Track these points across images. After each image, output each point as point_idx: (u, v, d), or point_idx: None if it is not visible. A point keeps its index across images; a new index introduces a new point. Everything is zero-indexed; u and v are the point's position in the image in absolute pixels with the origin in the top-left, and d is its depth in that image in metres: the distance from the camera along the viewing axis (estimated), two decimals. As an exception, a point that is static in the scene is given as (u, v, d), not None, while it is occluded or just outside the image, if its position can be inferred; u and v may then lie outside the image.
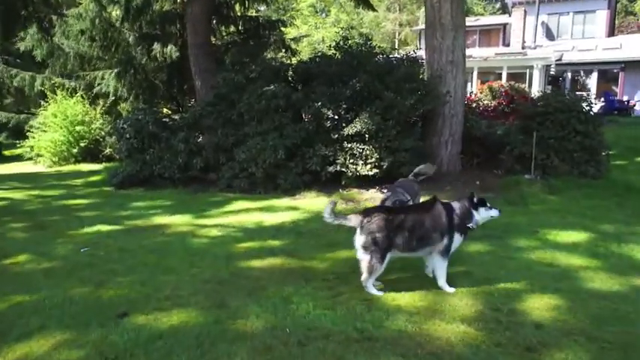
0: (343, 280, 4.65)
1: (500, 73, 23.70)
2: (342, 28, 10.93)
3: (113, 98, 17.25)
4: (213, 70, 12.97)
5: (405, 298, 4.18)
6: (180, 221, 7.27)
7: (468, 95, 16.30)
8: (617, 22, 34.69)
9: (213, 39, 16.16)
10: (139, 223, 7.28)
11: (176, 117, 12.27)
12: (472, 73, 23.88)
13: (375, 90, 9.09)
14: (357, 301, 4.14)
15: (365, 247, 4.22)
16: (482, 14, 46.02)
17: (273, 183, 9.52)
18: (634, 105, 22.18)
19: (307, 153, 9.34)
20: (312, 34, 44.20)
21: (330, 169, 9.17)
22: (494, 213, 4.54)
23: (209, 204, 8.58)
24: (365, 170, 8.89)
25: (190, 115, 11.38)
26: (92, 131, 16.62)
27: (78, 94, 17.11)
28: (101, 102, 18.27)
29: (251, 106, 9.86)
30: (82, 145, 16.31)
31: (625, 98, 23.21)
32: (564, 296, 4.20)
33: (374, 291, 4.31)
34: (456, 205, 4.45)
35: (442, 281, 4.38)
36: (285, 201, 8.60)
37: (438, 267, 4.38)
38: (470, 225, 4.40)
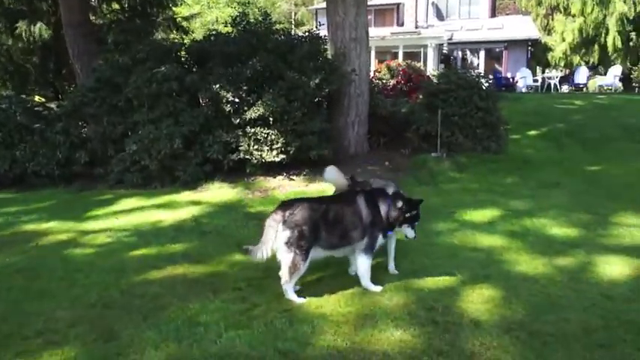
0: (257, 287, 4.05)
1: (397, 52, 24.08)
2: (238, 3, 10.12)
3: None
4: (95, 51, 11.52)
5: (329, 304, 3.69)
6: (59, 228, 6.16)
7: (372, 74, 16.20)
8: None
9: (92, 17, 14.45)
10: (5, 233, 6.06)
11: (53, 105, 10.72)
12: (370, 52, 23.97)
13: (277, 70, 8.46)
14: (275, 313, 3.57)
15: (288, 244, 3.66)
16: (375, -6, 46.64)
17: (170, 176, 8.57)
18: (517, 81, 23.67)
19: (207, 140, 8.50)
20: (204, 13, 42.07)
21: (233, 156, 8.42)
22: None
23: (96, 204, 7.48)
24: (271, 156, 8.27)
25: (69, 102, 9.95)
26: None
27: None
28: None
29: (140, 90, 8.76)
30: None
31: (509, 75, 24.70)
32: (495, 284, 3.97)
33: (295, 298, 3.77)
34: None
35: (366, 281, 3.95)
36: (186, 195, 7.75)
37: (361, 265, 3.94)
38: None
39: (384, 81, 15.13)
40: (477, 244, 4.99)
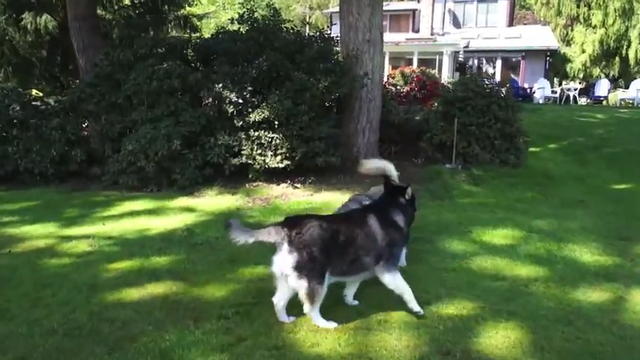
0: (245, 316, 3.51)
1: (411, 59, 23.53)
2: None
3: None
4: (100, 46, 11.09)
5: (326, 342, 3.14)
6: (39, 232, 5.67)
7: (385, 79, 15.69)
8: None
9: (101, 11, 14.08)
10: (-20, 237, 5.59)
11: (50, 100, 10.29)
12: (384, 58, 23.48)
13: (284, 70, 7.95)
14: (263, 350, 3.03)
15: (299, 269, 3.14)
16: None
17: (168, 178, 8.08)
18: (534, 92, 23.01)
19: (208, 143, 8.00)
20: (219, 14, 41.86)
21: (235, 161, 7.92)
22: None
23: (86, 206, 7.00)
24: (274, 162, 7.75)
25: (68, 98, 9.55)
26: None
27: None
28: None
29: (140, 87, 8.31)
30: None
31: (526, 85, 24.03)
32: (522, 324, 3.40)
33: (324, 323, 3.30)
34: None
35: (411, 300, 3.46)
36: (181, 200, 7.25)
37: (396, 284, 3.44)
38: None
39: (398, 87, 14.58)
40: (499, 271, 4.41)
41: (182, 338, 3.19)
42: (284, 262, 3.17)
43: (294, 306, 3.34)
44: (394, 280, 3.40)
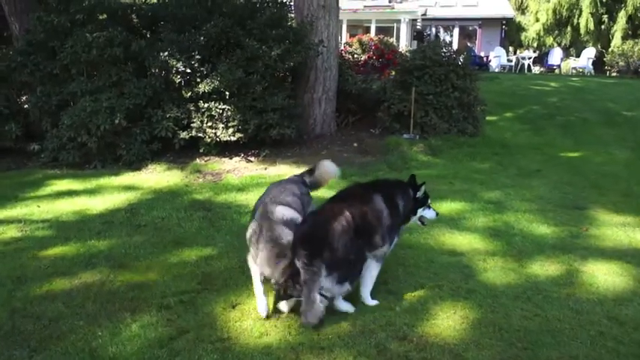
0: (189, 305, 3.24)
1: (369, 27, 23.17)
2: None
3: None
4: (37, 10, 10.21)
5: (275, 332, 2.92)
6: (-37, 217, 5.17)
7: (341, 48, 15.32)
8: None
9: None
10: None
11: (-22, 71, 9.42)
12: (342, 26, 23.00)
13: (235, 37, 7.50)
14: (206, 344, 2.79)
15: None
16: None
17: (112, 154, 7.58)
18: (490, 60, 23.15)
19: (155, 116, 7.51)
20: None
21: (184, 134, 7.48)
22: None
23: (20, 186, 6.46)
24: (226, 135, 7.38)
25: (-2, 67, 8.75)
26: None
27: None
28: None
29: (78, 56, 7.66)
30: None
31: (482, 54, 24.14)
32: (481, 302, 3.28)
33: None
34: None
35: (367, 291, 3.26)
36: (126, 177, 6.81)
37: (371, 273, 3.24)
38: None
39: (355, 56, 14.23)
40: (456, 246, 4.28)
41: (116, 334, 2.89)
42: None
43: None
44: None
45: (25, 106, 8.90)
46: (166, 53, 7.45)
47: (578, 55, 24.08)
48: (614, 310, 3.21)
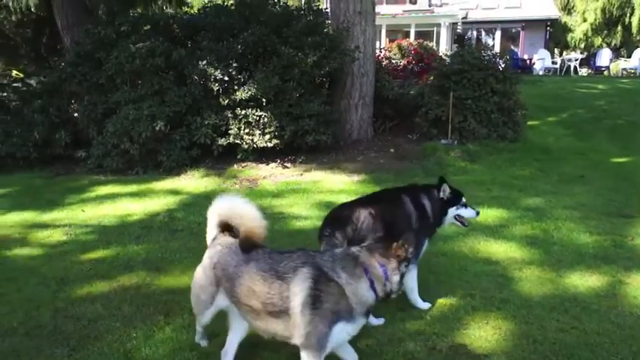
0: (221, 309, 3.29)
1: (409, 32, 22.98)
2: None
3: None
4: (86, 23, 10.71)
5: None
6: (14, 220, 5.44)
7: (378, 53, 15.26)
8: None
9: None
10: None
11: (32, 82, 9.95)
12: (380, 31, 22.93)
13: (271, 45, 7.61)
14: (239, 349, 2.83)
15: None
16: (387, -29, 45.07)
17: (154, 160, 7.83)
18: (534, 63, 22.52)
19: (194, 123, 7.71)
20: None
21: (222, 141, 7.65)
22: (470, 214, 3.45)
23: (67, 191, 6.76)
24: (263, 141, 7.49)
25: (49, 78, 9.21)
26: None
27: None
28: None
29: (122, 66, 7.97)
30: None
31: (526, 56, 23.51)
32: (514, 312, 3.19)
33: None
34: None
35: (415, 295, 3.27)
36: (167, 183, 7.01)
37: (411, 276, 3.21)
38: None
39: (394, 61, 14.15)
40: (491, 254, 4.18)
41: (150, 336, 2.98)
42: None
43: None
44: None
45: (75, 114, 9.34)
46: (205, 62, 7.64)
47: (629, 56, 23.08)
48: (658, 324, 3.06)
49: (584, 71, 23.46)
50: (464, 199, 3.43)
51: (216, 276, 2.54)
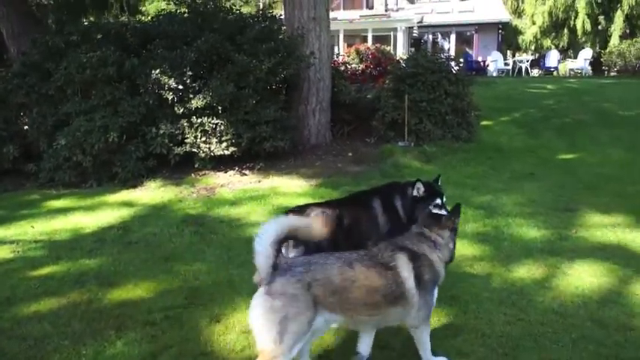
0: (175, 320, 3.26)
1: (366, 36, 23.29)
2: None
3: None
4: (34, 33, 10.38)
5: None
6: (-42, 240, 5.22)
7: (336, 58, 15.40)
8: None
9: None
10: None
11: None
12: (338, 37, 23.18)
13: (225, 52, 7.58)
14: (189, 358, 2.80)
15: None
16: (344, -23, 45.53)
17: (108, 172, 7.64)
18: (487, 65, 23.19)
19: (149, 133, 7.58)
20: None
21: (179, 150, 7.54)
22: None
23: (16, 207, 6.52)
24: (220, 149, 7.44)
25: (-6, 90, 8.87)
26: None
27: None
28: None
29: (72, 77, 7.76)
30: None
31: (480, 59, 24.20)
32: (465, 308, 3.29)
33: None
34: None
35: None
36: (122, 194, 6.86)
37: None
38: None
39: (351, 65, 14.33)
40: (444, 252, 4.28)
41: (100, 352, 2.92)
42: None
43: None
44: None
45: (25, 127, 9.02)
46: (158, 70, 7.53)
47: (575, 57, 24.09)
48: (597, 312, 3.21)
49: (534, 72, 24.34)
50: (439, 200, 3.40)
51: (314, 296, 2.30)
